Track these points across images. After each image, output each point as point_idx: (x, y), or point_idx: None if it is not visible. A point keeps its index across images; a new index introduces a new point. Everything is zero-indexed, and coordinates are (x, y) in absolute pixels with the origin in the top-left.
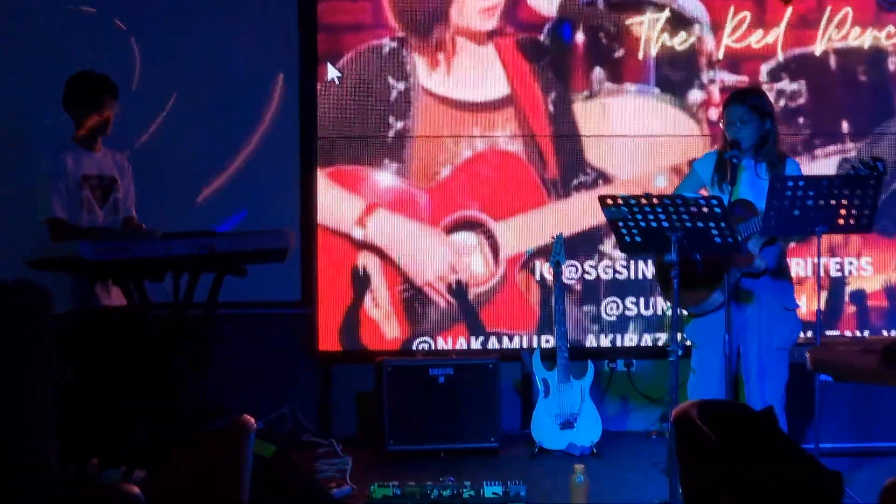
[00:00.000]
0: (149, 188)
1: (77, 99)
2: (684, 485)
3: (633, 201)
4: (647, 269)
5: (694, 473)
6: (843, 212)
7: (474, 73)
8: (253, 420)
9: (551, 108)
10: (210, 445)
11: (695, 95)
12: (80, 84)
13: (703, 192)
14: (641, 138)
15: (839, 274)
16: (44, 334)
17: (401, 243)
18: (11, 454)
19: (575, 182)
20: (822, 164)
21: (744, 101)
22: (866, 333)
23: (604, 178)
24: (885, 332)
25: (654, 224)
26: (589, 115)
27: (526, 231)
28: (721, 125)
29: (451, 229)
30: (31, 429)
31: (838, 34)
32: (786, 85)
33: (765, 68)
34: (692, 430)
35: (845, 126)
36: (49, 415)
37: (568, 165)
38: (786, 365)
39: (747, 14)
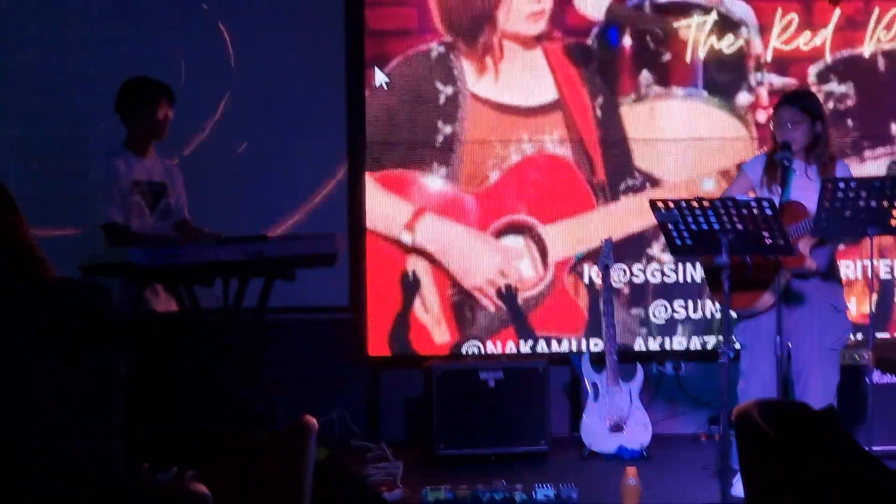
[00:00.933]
0: (197, 193)
1: (130, 103)
2: (747, 484)
3: (683, 204)
4: (696, 272)
5: (756, 473)
6: (895, 213)
7: (522, 77)
8: (315, 421)
9: (599, 112)
10: (272, 446)
11: (743, 98)
12: (133, 89)
13: (752, 195)
14: (689, 141)
15: (888, 276)
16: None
17: (450, 248)
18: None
19: (623, 186)
20: (871, 166)
21: (795, 102)
22: None
23: (652, 181)
24: None
25: (704, 226)
26: (637, 118)
27: (574, 235)
28: (771, 127)
29: (500, 233)
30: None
31: (887, 35)
32: (834, 87)
33: (813, 70)
34: (754, 429)
35: (894, 128)
36: (112, 416)
37: (616, 169)
38: (837, 366)
39: (795, 16)
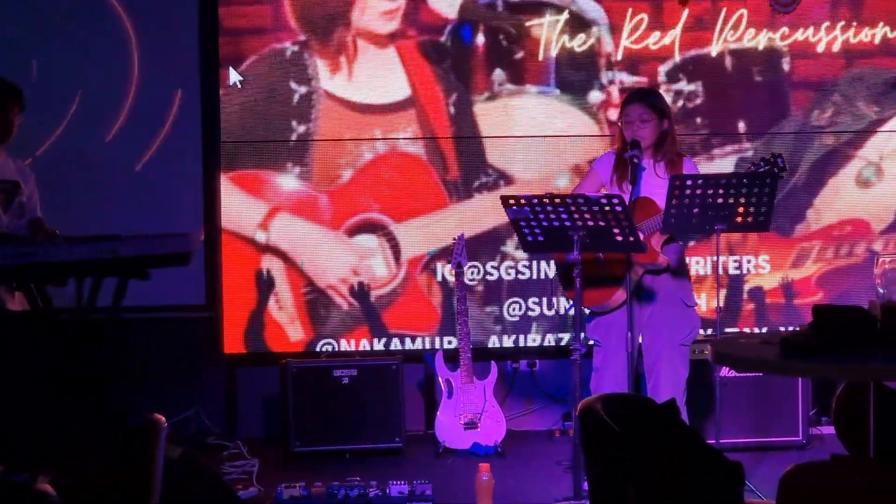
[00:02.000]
0: (51, 194)
1: None
2: (590, 478)
3: (535, 201)
4: (550, 269)
5: (600, 466)
6: (741, 210)
7: (376, 75)
8: (164, 419)
9: (452, 109)
10: (120, 445)
11: (594, 96)
12: None
13: (603, 192)
14: (542, 139)
15: (737, 272)
16: None
17: (303, 246)
18: None
19: (476, 183)
20: (720, 163)
21: (642, 100)
22: (764, 330)
23: (505, 178)
24: (782, 329)
25: (556, 223)
26: (490, 116)
27: (427, 232)
28: (620, 124)
29: (353, 232)
30: None
31: (734, 36)
32: (683, 85)
33: (662, 69)
34: (597, 423)
35: (742, 126)
36: None
37: (469, 166)
38: (686, 361)
39: (644, 16)
